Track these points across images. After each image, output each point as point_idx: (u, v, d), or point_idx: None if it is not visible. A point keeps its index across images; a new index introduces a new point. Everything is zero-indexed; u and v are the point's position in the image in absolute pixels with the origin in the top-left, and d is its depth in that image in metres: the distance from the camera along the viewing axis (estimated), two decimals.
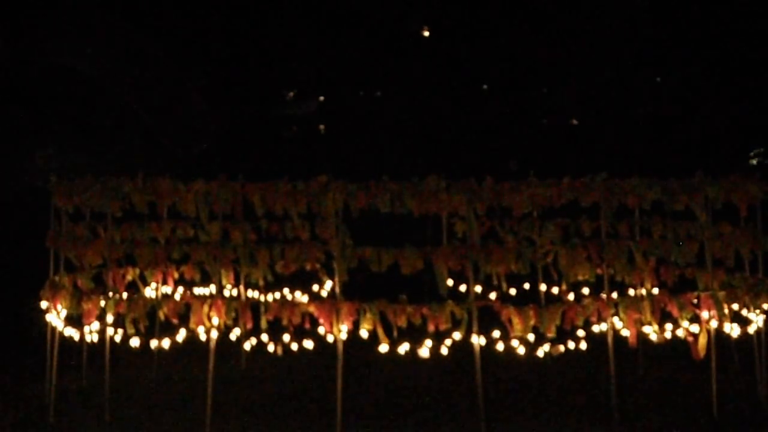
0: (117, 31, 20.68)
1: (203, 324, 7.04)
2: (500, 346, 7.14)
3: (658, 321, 7.22)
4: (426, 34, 23.36)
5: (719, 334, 7.42)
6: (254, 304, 7.20)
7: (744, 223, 7.76)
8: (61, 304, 7.46)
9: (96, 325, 7.41)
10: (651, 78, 23.02)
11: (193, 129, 21.16)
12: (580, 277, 7.72)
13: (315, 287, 9.38)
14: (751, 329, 7.75)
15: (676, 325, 7.45)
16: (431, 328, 6.79)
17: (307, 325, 7.13)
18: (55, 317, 7.61)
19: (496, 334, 7.19)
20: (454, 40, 22.49)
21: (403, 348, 7.02)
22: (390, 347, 6.87)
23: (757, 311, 7.67)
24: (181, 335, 7.57)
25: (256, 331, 7.40)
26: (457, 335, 6.87)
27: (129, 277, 8.23)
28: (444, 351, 6.99)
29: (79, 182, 7.60)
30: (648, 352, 8.92)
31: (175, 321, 7.31)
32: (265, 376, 8.90)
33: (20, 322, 10.99)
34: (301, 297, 9.35)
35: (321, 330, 7.13)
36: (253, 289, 9.10)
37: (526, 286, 9.16)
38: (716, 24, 21.27)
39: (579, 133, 22.95)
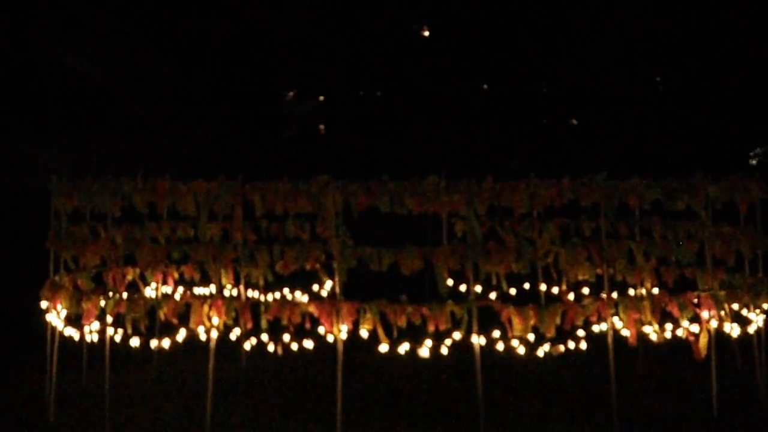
0: (117, 31, 20.67)
1: (203, 324, 7.04)
2: (500, 346, 7.14)
3: (658, 321, 7.21)
4: (426, 33, 23.36)
5: (719, 334, 7.42)
6: (254, 304, 7.19)
7: (744, 223, 7.76)
8: (61, 304, 7.46)
9: (96, 325, 7.41)
10: (651, 78, 23.03)
11: (193, 129, 21.16)
12: (580, 277, 7.72)
13: (315, 287, 9.38)
14: (751, 329, 7.75)
15: (676, 325, 7.45)
16: (431, 328, 6.78)
17: (307, 325, 7.13)
18: (55, 317, 7.60)
19: (496, 334, 7.19)
20: (455, 39, 22.49)
21: (403, 348, 7.02)
22: (390, 347, 6.86)
23: (757, 311, 7.67)
24: (181, 335, 7.57)
25: (256, 331, 7.40)
26: (457, 335, 6.87)
27: (129, 277, 8.23)
28: (444, 351, 6.99)
29: (79, 182, 7.60)
30: (648, 352, 8.92)
31: (175, 321, 7.31)
32: (265, 376, 8.90)
33: (20, 322, 10.98)
34: (301, 297, 9.34)
35: (321, 330, 7.13)
36: (253, 289, 9.10)
37: (526, 286, 9.16)
38: (716, 24, 21.28)
39: (579, 133, 22.95)
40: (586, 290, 8.40)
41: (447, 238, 7.07)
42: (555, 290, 8.84)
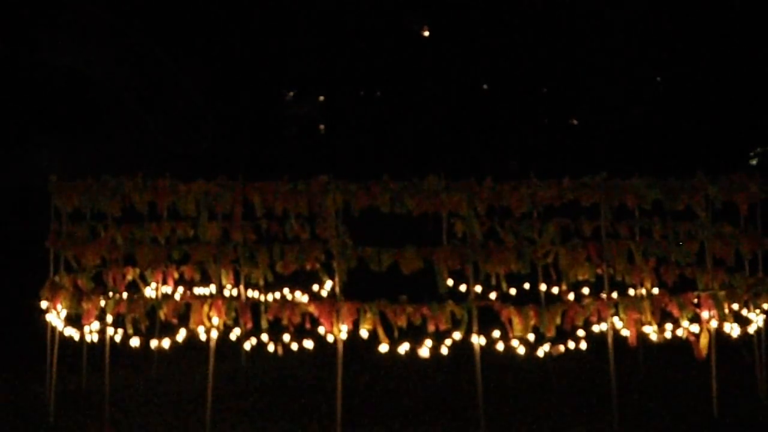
0: (117, 31, 20.67)
1: (203, 324, 7.04)
2: (500, 346, 7.14)
3: (658, 321, 7.21)
4: (426, 34, 23.36)
5: (719, 334, 7.42)
6: (254, 304, 7.19)
7: (744, 223, 7.76)
8: (61, 304, 7.46)
9: (96, 325, 7.41)
10: (651, 78, 23.02)
11: (193, 129, 21.16)
12: (580, 277, 7.72)
13: (315, 287, 9.38)
14: (751, 329, 7.75)
15: (676, 325, 7.45)
16: (431, 328, 6.78)
17: (307, 325, 7.13)
18: (55, 317, 7.60)
19: (496, 334, 7.19)
20: (454, 40, 22.48)
21: (403, 348, 7.02)
22: (390, 347, 6.86)
23: (757, 311, 7.67)
24: (181, 335, 7.57)
25: (256, 331, 7.40)
26: (457, 335, 6.86)
27: (129, 277, 8.23)
28: (444, 351, 6.99)
29: (79, 182, 7.60)
30: (648, 352, 8.92)
31: (174, 321, 7.31)
32: (265, 376, 8.90)
33: (20, 322, 10.98)
34: (301, 297, 9.34)
35: (321, 330, 7.13)
36: (253, 289, 9.10)
37: (526, 286, 9.16)
38: (716, 24, 21.28)
39: (579, 133, 22.95)
40: (586, 290, 8.39)
41: (447, 238, 7.07)
42: (555, 290, 8.84)
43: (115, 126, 20.44)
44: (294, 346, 7.51)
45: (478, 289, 7.67)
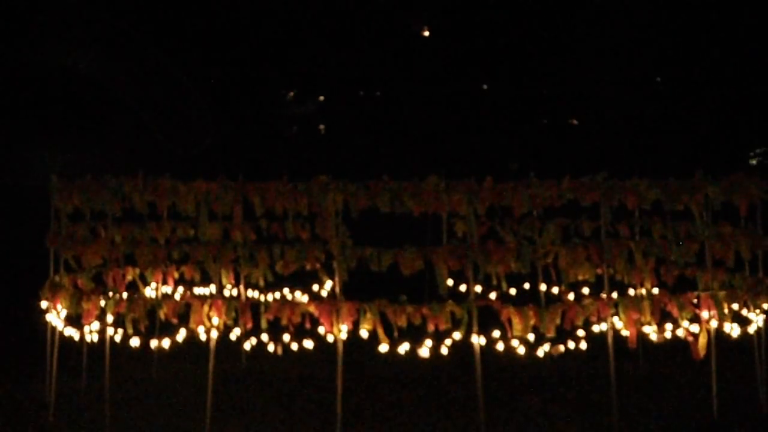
0: (117, 31, 20.68)
1: (203, 324, 7.04)
2: (500, 346, 7.14)
3: (658, 321, 7.21)
4: (426, 34, 23.36)
5: (719, 334, 7.42)
6: (254, 304, 7.19)
7: (744, 223, 7.76)
8: (61, 304, 7.46)
9: (96, 325, 7.41)
10: (651, 78, 23.02)
11: (193, 129, 21.16)
12: (580, 277, 7.71)
13: (315, 287, 9.38)
14: (751, 329, 7.75)
15: (676, 325, 7.45)
16: (431, 328, 6.78)
17: (307, 325, 7.13)
18: (55, 317, 7.60)
19: (496, 334, 7.19)
20: (455, 39, 22.49)
21: (403, 348, 7.02)
22: (390, 347, 6.86)
23: (757, 311, 7.67)
24: (181, 335, 7.57)
25: (256, 331, 7.40)
26: (457, 335, 6.87)
27: (129, 277, 8.23)
28: (444, 351, 6.99)
29: (79, 182, 7.60)
30: (648, 352, 8.92)
31: (174, 321, 7.31)
32: (265, 376, 8.91)
33: (20, 322, 10.98)
34: (301, 297, 9.35)
35: (321, 330, 7.13)
36: (253, 289, 9.10)
37: (526, 286, 9.16)
38: (716, 24, 21.28)
39: (579, 133, 22.95)
40: (586, 290, 8.40)
41: (447, 238, 7.07)
42: (555, 290, 8.84)
43: (114, 126, 20.44)
44: (294, 346, 7.51)
45: (478, 289, 7.67)
